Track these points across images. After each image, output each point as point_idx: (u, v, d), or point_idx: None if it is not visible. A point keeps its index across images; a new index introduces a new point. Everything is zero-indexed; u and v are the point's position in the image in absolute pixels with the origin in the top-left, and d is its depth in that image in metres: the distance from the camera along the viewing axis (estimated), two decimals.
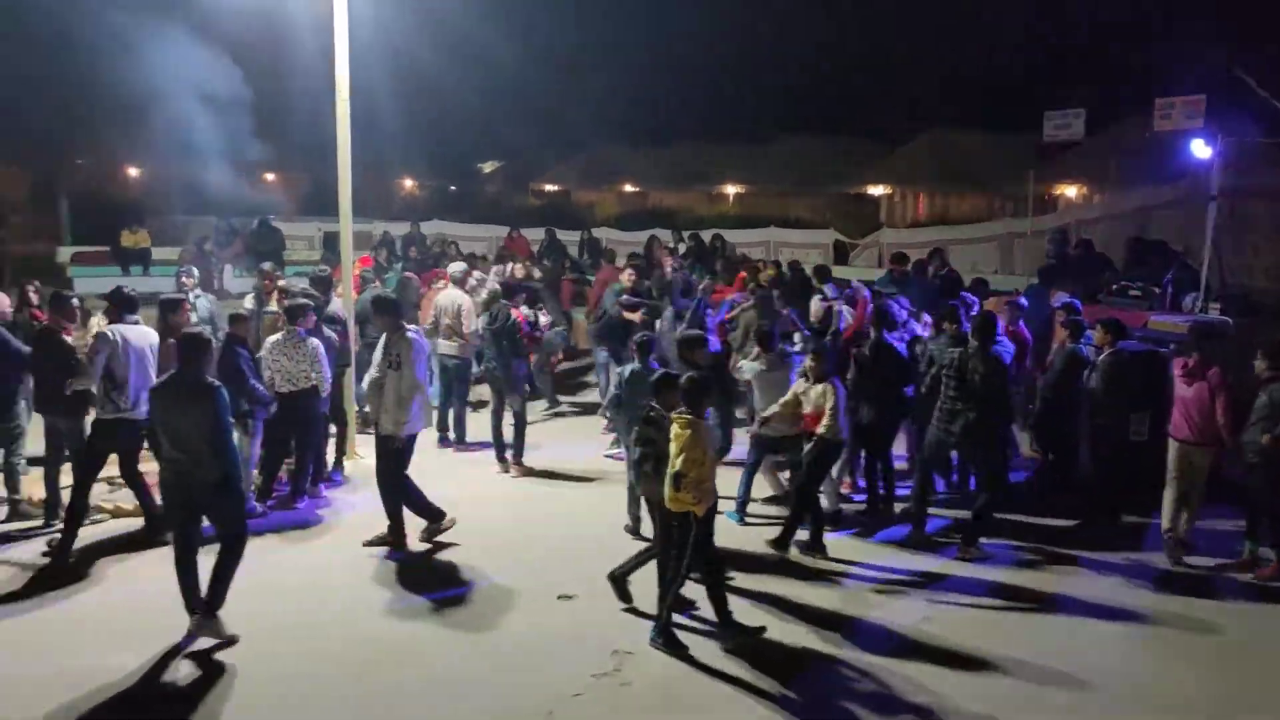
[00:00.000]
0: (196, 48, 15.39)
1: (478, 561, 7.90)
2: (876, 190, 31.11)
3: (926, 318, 10.43)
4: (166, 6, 15.04)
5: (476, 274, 12.38)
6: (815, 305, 10.72)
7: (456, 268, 11.70)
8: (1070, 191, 26.28)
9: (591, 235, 22.80)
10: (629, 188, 38.60)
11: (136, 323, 8.06)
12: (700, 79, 43.73)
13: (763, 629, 6.69)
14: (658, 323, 10.94)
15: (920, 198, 30.01)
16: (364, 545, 8.09)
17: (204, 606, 6.42)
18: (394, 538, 8.13)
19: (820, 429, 7.95)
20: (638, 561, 7.10)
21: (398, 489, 8.09)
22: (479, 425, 11.17)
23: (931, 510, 8.83)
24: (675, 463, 6.36)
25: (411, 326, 8.21)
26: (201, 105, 17.75)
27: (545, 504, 9.43)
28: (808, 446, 8.09)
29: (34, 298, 10.04)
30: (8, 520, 8.41)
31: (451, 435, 11.18)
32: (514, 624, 6.87)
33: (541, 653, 6.46)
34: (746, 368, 9.07)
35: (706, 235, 20.32)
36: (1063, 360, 9.44)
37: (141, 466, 9.37)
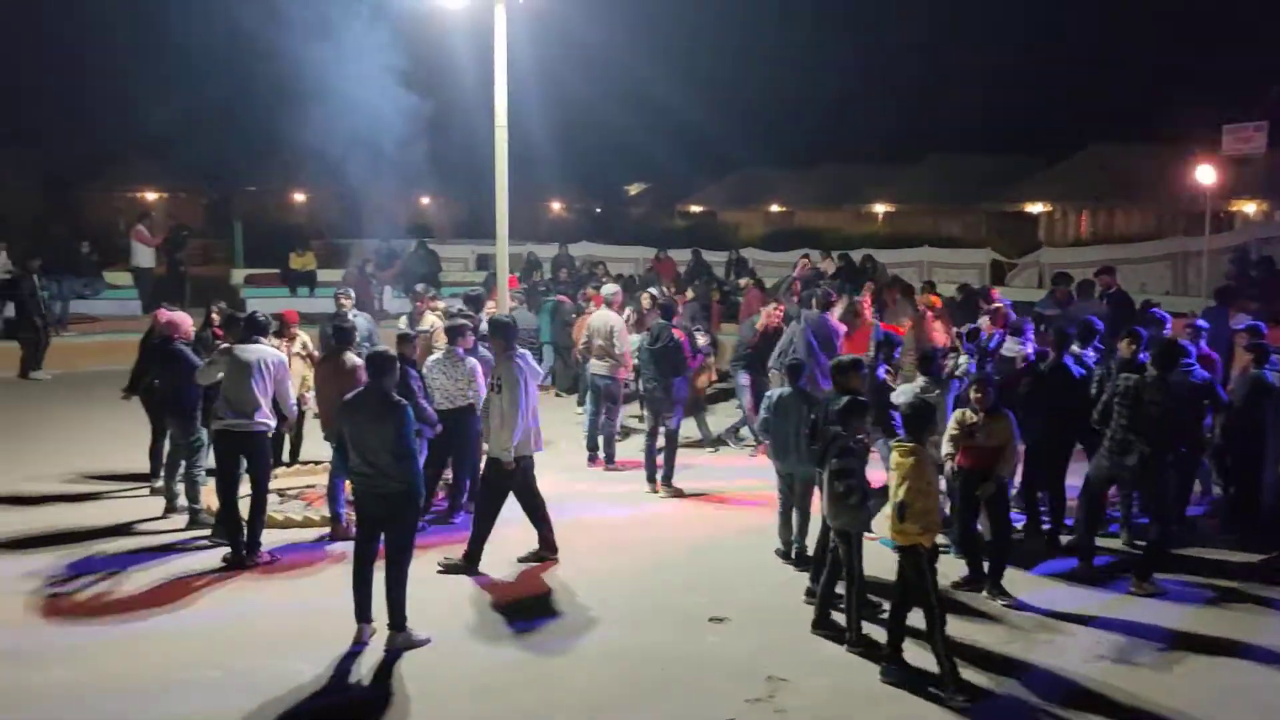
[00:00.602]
0: (358, 76, 16.07)
1: (627, 582, 7.93)
2: (1034, 208, 29.99)
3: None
4: (328, 39, 15.75)
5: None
6: (984, 323, 10.46)
7: (609, 289, 11.83)
8: (1249, 208, 24.78)
9: (739, 255, 22.72)
10: (775, 208, 38.42)
11: (257, 342, 8.35)
12: (847, 97, 43.30)
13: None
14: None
15: (1083, 215, 28.77)
16: (519, 561, 8.21)
17: (393, 624, 6.68)
18: (545, 550, 8.25)
19: (1000, 469, 7.49)
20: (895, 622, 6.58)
21: (489, 511, 8.13)
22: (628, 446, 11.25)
23: (1100, 542, 8.41)
24: (898, 493, 6.20)
25: (521, 350, 8.19)
26: (364, 132, 18.53)
27: (695, 525, 9.39)
28: (982, 485, 7.58)
29: (216, 317, 10.59)
30: (188, 528, 8.88)
31: (601, 454, 11.27)
32: (664, 645, 6.83)
33: (692, 675, 6.40)
34: (903, 390, 8.84)
35: (857, 256, 19.99)
36: (1246, 386, 8.87)
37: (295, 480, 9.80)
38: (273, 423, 8.36)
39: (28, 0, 38.87)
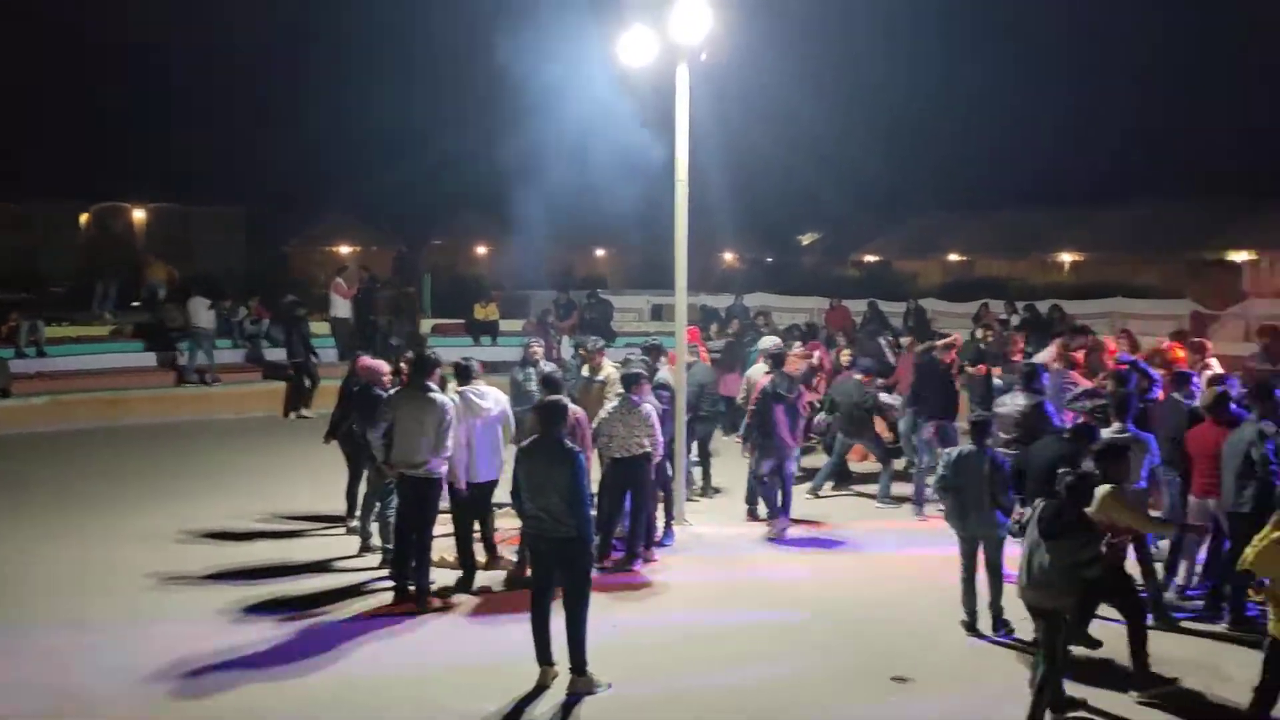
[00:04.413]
0: (535, 131, 16.67)
1: (809, 636, 7.86)
2: (1238, 256, 28.21)
3: None
4: (506, 93, 16.37)
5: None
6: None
7: (767, 341, 11.81)
8: None
9: (918, 305, 22.21)
10: (954, 256, 37.49)
11: (427, 387, 8.49)
12: (1029, 141, 42.05)
13: None
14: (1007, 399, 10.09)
15: None
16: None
17: (574, 668, 6.81)
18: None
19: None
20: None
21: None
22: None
23: None
24: None
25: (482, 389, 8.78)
26: (542, 188, 19.20)
27: (873, 584, 9.15)
28: None
29: (404, 366, 11.06)
30: (380, 567, 9.24)
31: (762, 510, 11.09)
32: (846, 702, 6.73)
33: None
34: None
35: (1043, 307, 19.24)
36: None
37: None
38: (442, 470, 8.40)
39: (230, 66, 42.48)
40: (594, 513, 8.41)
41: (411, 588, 8.37)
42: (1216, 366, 10.45)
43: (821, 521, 11.01)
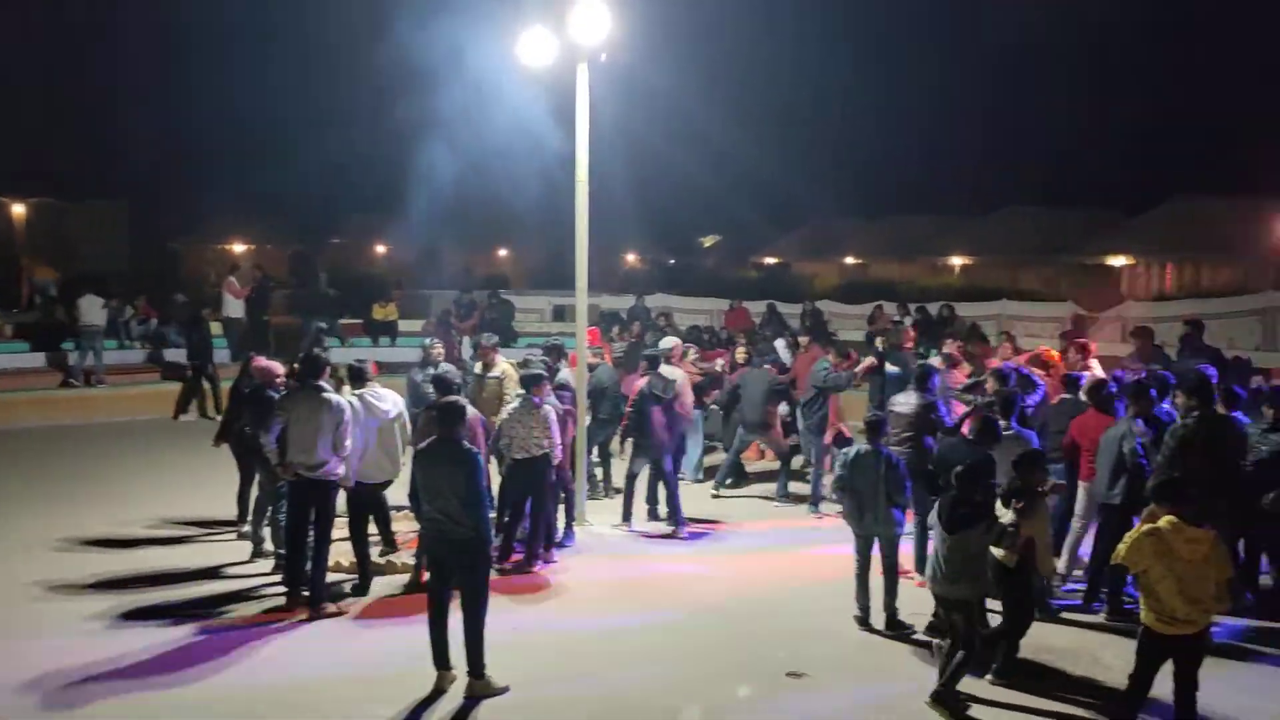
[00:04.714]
0: (436, 130, 16.51)
1: (703, 635, 7.92)
2: (1116, 261, 29.44)
3: None
4: (410, 96, 16.21)
5: None
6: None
7: (667, 342, 11.89)
8: None
9: (815, 307, 22.62)
10: (850, 259, 38.31)
11: (318, 387, 8.36)
12: (924, 150, 43.24)
13: None
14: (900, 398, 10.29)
15: (1168, 269, 28.15)
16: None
17: (472, 672, 6.75)
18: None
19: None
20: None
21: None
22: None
23: None
24: (1221, 581, 5.76)
25: (379, 391, 8.89)
26: (443, 187, 19.01)
27: (779, 582, 9.27)
28: None
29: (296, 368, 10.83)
30: (273, 572, 9.02)
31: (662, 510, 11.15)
32: (744, 698, 6.84)
33: None
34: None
35: (933, 307, 19.79)
36: None
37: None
38: (340, 471, 8.32)
39: (119, 57, 40.99)
40: (493, 514, 8.45)
41: (305, 592, 8.21)
42: (1097, 368, 10.87)
43: (720, 520, 11.15)
